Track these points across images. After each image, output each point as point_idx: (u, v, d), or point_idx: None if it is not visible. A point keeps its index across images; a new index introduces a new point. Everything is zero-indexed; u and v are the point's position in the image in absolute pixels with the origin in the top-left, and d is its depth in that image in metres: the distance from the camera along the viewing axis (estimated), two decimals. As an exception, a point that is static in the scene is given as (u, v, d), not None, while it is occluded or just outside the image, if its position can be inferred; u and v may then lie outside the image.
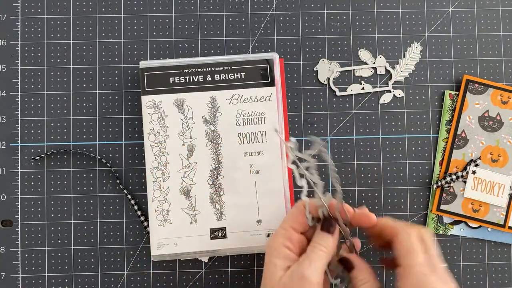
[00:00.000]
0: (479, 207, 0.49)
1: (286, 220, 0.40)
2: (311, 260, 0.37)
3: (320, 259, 0.37)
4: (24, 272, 0.48)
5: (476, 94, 0.49)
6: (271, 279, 0.37)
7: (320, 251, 0.38)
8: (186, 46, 0.50)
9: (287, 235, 0.39)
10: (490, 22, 0.51)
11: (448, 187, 0.49)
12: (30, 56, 0.50)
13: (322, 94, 0.50)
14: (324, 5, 0.51)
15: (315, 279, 0.36)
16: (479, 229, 0.49)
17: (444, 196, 0.49)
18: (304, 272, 0.36)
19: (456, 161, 0.49)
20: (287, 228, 0.39)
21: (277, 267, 0.37)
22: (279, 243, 0.38)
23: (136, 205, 0.48)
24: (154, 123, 0.47)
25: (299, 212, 0.40)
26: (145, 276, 0.48)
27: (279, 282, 0.36)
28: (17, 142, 0.49)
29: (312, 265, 0.36)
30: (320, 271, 0.37)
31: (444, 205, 0.49)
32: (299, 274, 0.36)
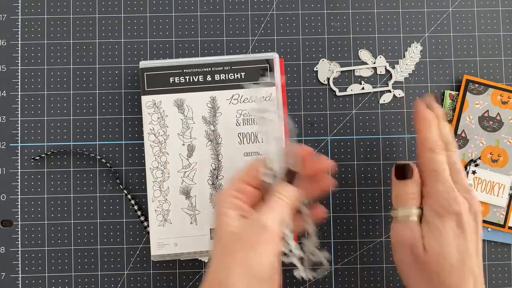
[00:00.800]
0: (479, 207, 0.49)
1: (236, 174, 0.38)
2: (272, 208, 0.35)
3: (281, 207, 0.35)
4: (24, 272, 0.48)
5: (476, 94, 0.49)
6: (226, 229, 0.35)
7: (282, 201, 0.36)
8: (186, 46, 0.50)
9: (237, 187, 0.37)
10: (490, 22, 0.51)
11: (448, 187, 0.49)
12: (30, 56, 0.50)
13: (322, 94, 0.50)
14: (324, 5, 0.51)
15: (274, 227, 0.34)
16: (479, 229, 0.49)
17: (444, 196, 0.49)
18: (265, 221, 0.34)
19: (456, 161, 0.49)
20: (237, 181, 0.37)
21: (229, 216, 0.35)
22: (228, 194, 0.36)
23: (136, 205, 0.48)
24: (154, 123, 0.47)
25: (252, 167, 0.38)
26: (145, 276, 0.48)
27: (234, 231, 0.34)
28: (17, 142, 0.49)
29: (273, 214, 0.35)
30: (281, 220, 0.35)
31: (444, 205, 0.49)
32: (259, 222, 0.34)
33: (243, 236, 0.34)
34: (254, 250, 0.33)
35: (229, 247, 0.34)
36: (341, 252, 0.49)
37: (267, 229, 0.33)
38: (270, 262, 0.34)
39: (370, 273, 0.49)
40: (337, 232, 0.49)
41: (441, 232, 0.37)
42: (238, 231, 0.34)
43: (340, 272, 0.49)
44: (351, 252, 0.49)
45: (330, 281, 0.49)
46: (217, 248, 0.35)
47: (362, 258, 0.49)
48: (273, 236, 0.34)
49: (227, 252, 0.34)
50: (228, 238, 0.34)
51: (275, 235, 0.34)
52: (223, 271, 0.34)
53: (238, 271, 0.33)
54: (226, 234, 0.34)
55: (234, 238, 0.34)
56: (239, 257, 0.33)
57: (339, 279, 0.49)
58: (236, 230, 0.34)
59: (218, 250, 0.35)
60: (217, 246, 0.35)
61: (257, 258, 0.33)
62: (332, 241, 0.49)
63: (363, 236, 0.49)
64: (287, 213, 0.36)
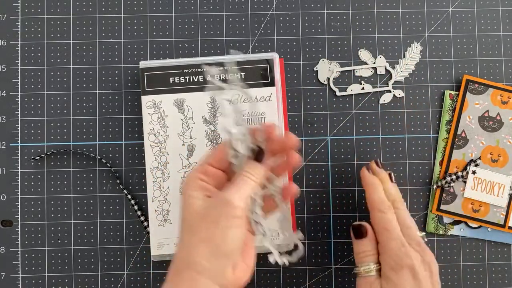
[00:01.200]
0: (479, 207, 0.49)
1: (202, 158, 0.38)
2: (237, 185, 0.35)
3: (247, 185, 0.35)
4: (24, 272, 0.48)
5: (476, 94, 0.49)
6: (188, 210, 0.35)
7: (248, 178, 0.36)
8: (186, 46, 0.50)
9: (201, 169, 0.37)
10: (490, 22, 0.51)
11: (448, 187, 0.49)
12: (30, 56, 0.50)
13: (322, 94, 0.50)
14: (324, 5, 0.51)
15: (238, 203, 0.34)
16: (479, 229, 0.49)
17: (444, 196, 0.49)
18: (228, 197, 0.34)
19: (456, 161, 0.49)
20: (202, 164, 0.38)
21: (195, 198, 0.35)
22: (193, 177, 0.37)
23: (136, 205, 0.48)
24: (154, 123, 0.47)
25: (217, 150, 0.38)
26: (145, 276, 0.48)
27: (198, 210, 0.35)
28: (17, 142, 0.49)
29: (238, 191, 0.35)
30: (245, 197, 0.35)
31: (444, 205, 0.49)
32: (223, 199, 0.34)
33: (206, 214, 0.34)
34: (217, 226, 0.33)
35: (194, 226, 0.34)
36: (341, 252, 0.49)
37: (230, 205, 0.34)
38: (234, 236, 0.34)
39: (370, 273, 0.49)
40: (337, 232, 0.49)
41: (396, 285, 0.39)
42: (202, 210, 0.34)
43: (340, 272, 0.49)
44: (351, 252, 0.49)
45: (330, 281, 0.49)
46: (183, 229, 0.36)
47: (362, 258, 0.49)
48: (237, 211, 0.34)
49: (192, 231, 0.34)
50: (192, 218, 0.35)
51: (239, 210, 0.34)
52: (188, 250, 0.34)
53: (202, 248, 0.33)
54: (190, 214, 0.35)
55: (198, 216, 0.34)
56: (203, 235, 0.34)
57: (339, 279, 0.49)
58: (200, 209, 0.35)
59: (184, 230, 0.35)
60: (183, 226, 0.36)
61: (220, 233, 0.33)
62: (332, 241, 0.49)
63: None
64: (253, 190, 0.36)
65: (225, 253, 0.34)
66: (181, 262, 0.35)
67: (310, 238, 0.49)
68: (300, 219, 0.49)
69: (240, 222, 0.34)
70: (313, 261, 0.49)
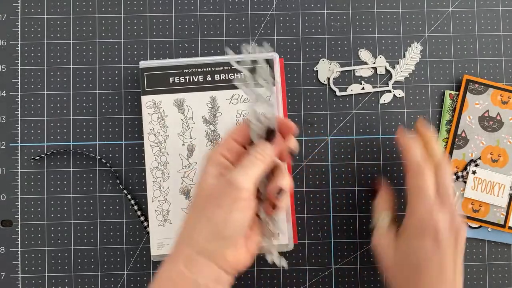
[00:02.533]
0: (479, 207, 0.49)
1: (228, 133, 0.38)
2: (243, 166, 0.35)
3: (254, 166, 0.35)
4: (24, 272, 0.48)
5: (476, 94, 0.49)
6: (199, 187, 0.35)
7: (256, 159, 0.35)
8: (186, 46, 0.50)
9: (226, 145, 0.37)
10: (490, 22, 0.51)
11: (448, 187, 0.49)
12: (30, 56, 0.50)
13: (322, 94, 0.50)
14: (324, 5, 0.51)
15: (244, 184, 0.33)
16: (479, 229, 0.49)
17: (444, 196, 0.49)
18: (233, 177, 0.34)
19: (456, 161, 0.49)
20: (227, 138, 0.37)
21: (209, 174, 0.35)
22: (216, 151, 0.36)
23: (136, 205, 0.48)
24: (154, 123, 0.47)
25: (243, 125, 0.38)
26: (145, 276, 0.48)
27: (207, 190, 0.35)
28: (17, 142, 0.49)
29: (244, 171, 0.34)
30: (253, 178, 0.34)
31: (444, 205, 0.49)
32: (227, 180, 0.34)
33: (213, 194, 0.34)
34: (220, 207, 0.33)
35: (199, 204, 0.35)
36: (341, 252, 0.49)
37: (234, 186, 0.33)
38: (237, 220, 0.33)
39: (370, 273, 0.49)
40: (337, 232, 0.49)
41: (415, 251, 0.38)
42: (211, 189, 0.34)
43: (340, 272, 0.49)
44: (351, 252, 0.49)
45: (330, 281, 0.49)
46: (191, 205, 0.36)
47: (362, 258, 0.49)
48: (242, 193, 0.33)
49: (197, 209, 0.35)
50: (200, 195, 0.35)
51: (244, 192, 0.33)
52: (190, 227, 0.34)
53: (203, 228, 0.33)
54: (200, 192, 0.35)
55: (206, 196, 0.34)
56: (206, 214, 0.34)
57: (339, 279, 0.49)
58: (209, 187, 0.35)
59: (192, 207, 0.36)
60: (192, 202, 0.36)
61: (222, 215, 0.33)
62: (332, 241, 0.49)
63: (363, 236, 0.49)
64: (262, 172, 0.35)
65: (226, 235, 0.33)
66: (182, 239, 0.35)
67: (310, 238, 0.49)
68: (300, 219, 0.49)
69: (245, 204, 0.34)
70: (313, 261, 0.49)
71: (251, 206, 0.34)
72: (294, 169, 0.49)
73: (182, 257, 0.34)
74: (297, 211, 0.49)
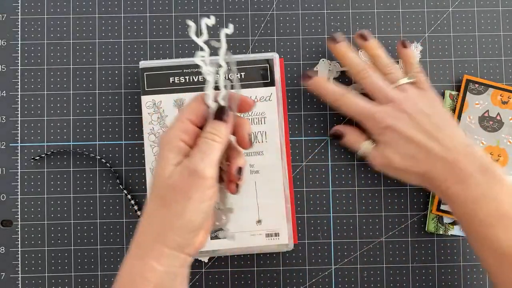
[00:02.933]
0: (479, 207, 0.49)
1: (183, 111, 0.35)
2: (203, 152, 0.33)
3: (213, 149, 0.33)
4: (24, 272, 0.48)
5: (476, 94, 0.49)
6: (160, 176, 0.33)
7: (213, 142, 0.33)
8: (186, 46, 0.50)
9: (183, 127, 0.34)
10: (490, 22, 0.51)
11: (448, 187, 0.49)
12: (30, 56, 0.50)
13: (322, 94, 0.50)
14: (324, 5, 0.51)
15: (208, 173, 0.32)
16: (479, 229, 0.49)
17: (444, 196, 0.49)
18: (196, 167, 0.32)
19: (456, 161, 0.49)
20: (183, 120, 0.35)
21: (168, 162, 0.33)
22: (174, 135, 0.34)
23: (136, 205, 0.48)
24: (154, 123, 0.47)
25: (198, 103, 0.35)
26: (145, 276, 0.48)
27: (169, 179, 0.33)
28: (17, 142, 0.49)
29: (204, 158, 0.33)
30: (214, 164, 0.33)
31: (444, 205, 0.49)
32: (191, 169, 0.32)
33: (177, 186, 0.32)
34: (189, 200, 0.32)
35: (166, 198, 0.33)
36: (341, 252, 0.49)
37: (200, 175, 0.32)
38: (206, 209, 0.33)
39: (370, 273, 0.49)
40: (337, 232, 0.49)
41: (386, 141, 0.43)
42: (174, 180, 0.33)
43: (340, 272, 0.49)
44: (351, 252, 0.49)
45: (330, 281, 0.49)
46: (153, 197, 0.34)
47: (362, 258, 0.49)
48: (207, 182, 0.32)
49: (163, 203, 0.33)
50: (163, 188, 0.33)
51: (207, 180, 0.32)
52: (159, 223, 0.33)
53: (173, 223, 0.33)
54: (161, 182, 0.33)
55: (169, 188, 0.33)
56: (175, 209, 0.33)
57: (339, 279, 0.49)
58: (171, 178, 0.33)
59: (153, 199, 0.34)
60: (153, 194, 0.34)
61: (192, 207, 0.32)
62: (332, 241, 0.49)
63: (363, 236, 0.49)
64: (220, 153, 0.34)
65: (196, 226, 0.33)
66: (151, 236, 0.33)
67: (310, 238, 0.49)
68: (300, 219, 0.49)
69: (211, 192, 0.33)
70: (313, 261, 0.49)
71: (215, 192, 0.34)
72: (294, 169, 0.49)
73: (153, 254, 0.33)
74: (297, 211, 0.49)
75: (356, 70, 0.45)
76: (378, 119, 0.43)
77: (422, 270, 0.49)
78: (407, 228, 0.49)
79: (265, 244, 0.46)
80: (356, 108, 0.44)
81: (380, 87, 0.44)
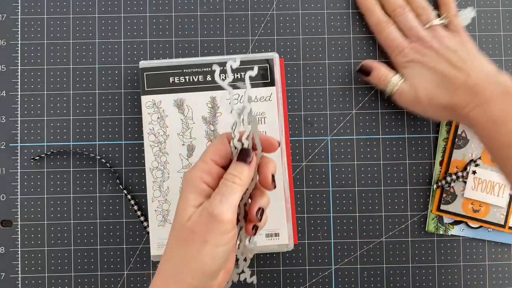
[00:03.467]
0: (479, 207, 0.49)
1: (207, 152, 0.35)
2: (222, 194, 0.33)
3: (233, 192, 0.33)
4: (24, 272, 0.48)
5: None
6: (180, 217, 0.33)
7: (234, 184, 0.33)
8: (186, 46, 0.50)
9: (206, 168, 0.34)
10: (490, 22, 0.51)
11: (448, 187, 0.49)
12: (30, 56, 0.50)
13: (322, 94, 0.50)
14: (324, 5, 0.51)
15: (226, 216, 0.32)
16: (479, 229, 0.49)
17: (444, 196, 0.49)
18: (214, 210, 0.32)
19: (457, 161, 0.49)
20: (207, 160, 0.34)
21: (188, 203, 0.33)
22: (196, 176, 0.34)
23: (136, 205, 0.48)
24: (154, 123, 0.47)
25: (222, 144, 0.35)
26: (145, 276, 0.48)
27: (188, 221, 0.33)
28: (17, 142, 0.49)
29: (224, 201, 0.32)
30: (233, 206, 0.33)
31: (444, 205, 0.49)
32: (209, 212, 0.32)
33: (195, 229, 0.32)
34: (206, 244, 0.32)
35: (183, 239, 0.33)
36: (341, 252, 0.49)
37: (220, 220, 0.32)
38: (221, 254, 0.33)
39: (370, 273, 0.49)
40: (337, 232, 0.49)
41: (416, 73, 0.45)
42: (192, 222, 0.33)
43: (340, 272, 0.49)
44: (351, 252, 0.49)
45: (330, 281, 0.49)
46: (172, 236, 0.34)
47: (362, 258, 0.49)
48: (226, 226, 0.32)
49: (182, 244, 0.33)
50: (182, 229, 0.33)
51: (228, 225, 0.32)
52: (177, 264, 0.33)
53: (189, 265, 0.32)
54: (180, 223, 0.33)
55: (187, 230, 0.33)
56: (191, 251, 0.32)
57: (339, 279, 0.49)
58: (190, 220, 0.33)
59: (173, 238, 0.34)
60: (173, 234, 0.34)
61: (209, 252, 0.32)
62: (332, 241, 0.49)
63: (363, 236, 0.49)
64: (240, 196, 0.34)
65: (214, 270, 0.33)
66: (168, 276, 0.33)
67: (310, 238, 0.49)
68: (300, 219, 0.49)
69: (230, 237, 0.33)
70: (313, 261, 0.49)
71: (234, 235, 0.34)
72: (294, 169, 0.49)
73: None
74: (297, 211, 0.49)
75: (393, 7, 0.47)
76: (404, 53, 0.46)
77: (422, 270, 0.49)
78: (407, 228, 0.49)
79: (265, 244, 0.46)
80: (390, 39, 0.47)
81: (411, 26, 0.46)
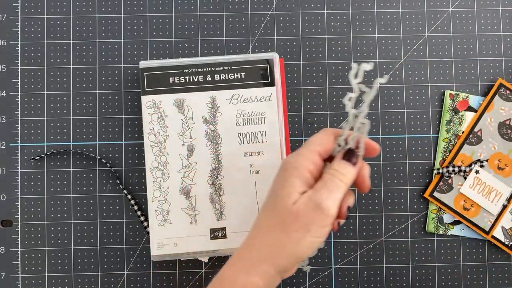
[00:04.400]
0: (470, 207, 0.49)
1: (312, 142, 0.35)
2: (329, 189, 0.33)
3: (339, 190, 0.33)
4: (24, 272, 0.48)
5: (504, 100, 0.49)
6: (284, 199, 0.33)
7: (340, 181, 0.33)
8: (186, 46, 0.50)
9: (312, 159, 0.34)
10: (490, 22, 0.51)
11: (448, 177, 0.49)
12: (30, 56, 0.50)
13: (322, 94, 0.50)
14: (324, 5, 0.51)
15: (333, 211, 0.32)
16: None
17: (441, 184, 0.49)
18: (322, 203, 0.32)
19: (464, 156, 0.49)
20: (313, 151, 0.35)
21: (295, 188, 0.33)
22: (303, 164, 0.34)
23: (136, 205, 0.48)
24: (154, 123, 0.47)
25: (327, 137, 0.35)
26: (145, 276, 0.48)
27: (293, 207, 0.33)
28: (17, 142, 0.49)
29: (331, 195, 0.33)
30: (338, 203, 0.33)
31: (437, 193, 0.49)
32: (316, 203, 0.32)
33: (301, 215, 0.32)
34: (308, 233, 0.32)
35: (287, 223, 0.33)
36: (341, 252, 0.49)
37: (323, 211, 0.32)
38: (317, 244, 0.33)
39: (370, 273, 0.49)
40: (337, 232, 0.49)
41: None
42: (296, 207, 0.33)
43: (340, 272, 0.49)
44: (351, 252, 0.49)
45: (330, 281, 0.49)
46: (270, 216, 0.34)
47: (362, 258, 0.49)
48: (328, 219, 0.33)
49: (283, 228, 0.33)
50: (286, 213, 0.33)
51: (330, 217, 0.33)
52: (272, 244, 0.33)
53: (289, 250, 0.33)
54: (283, 206, 0.33)
55: (292, 214, 0.33)
56: (292, 236, 0.33)
57: (339, 279, 0.49)
58: (295, 205, 0.33)
59: (270, 218, 0.34)
60: (271, 213, 0.34)
61: (309, 240, 0.33)
62: (332, 241, 0.49)
63: (363, 236, 0.49)
64: (343, 194, 0.34)
65: (304, 257, 0.34)
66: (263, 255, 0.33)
67: (310, 238, 0.49)
68: (300, 219, 0.49)
69: (328, 230, 0.34)
70: (313, 261, 0.49)
71: (329, 230, 0.34)
72: (294, 169, 0.49)
73: (260, 272, 0.33)
74: (297, 211, 0.49)
75: None
76: None
77: (422, 270, 0.49)
78: (407, 228, 0.49)
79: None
80: None
81: None
